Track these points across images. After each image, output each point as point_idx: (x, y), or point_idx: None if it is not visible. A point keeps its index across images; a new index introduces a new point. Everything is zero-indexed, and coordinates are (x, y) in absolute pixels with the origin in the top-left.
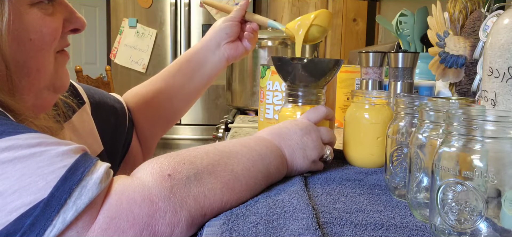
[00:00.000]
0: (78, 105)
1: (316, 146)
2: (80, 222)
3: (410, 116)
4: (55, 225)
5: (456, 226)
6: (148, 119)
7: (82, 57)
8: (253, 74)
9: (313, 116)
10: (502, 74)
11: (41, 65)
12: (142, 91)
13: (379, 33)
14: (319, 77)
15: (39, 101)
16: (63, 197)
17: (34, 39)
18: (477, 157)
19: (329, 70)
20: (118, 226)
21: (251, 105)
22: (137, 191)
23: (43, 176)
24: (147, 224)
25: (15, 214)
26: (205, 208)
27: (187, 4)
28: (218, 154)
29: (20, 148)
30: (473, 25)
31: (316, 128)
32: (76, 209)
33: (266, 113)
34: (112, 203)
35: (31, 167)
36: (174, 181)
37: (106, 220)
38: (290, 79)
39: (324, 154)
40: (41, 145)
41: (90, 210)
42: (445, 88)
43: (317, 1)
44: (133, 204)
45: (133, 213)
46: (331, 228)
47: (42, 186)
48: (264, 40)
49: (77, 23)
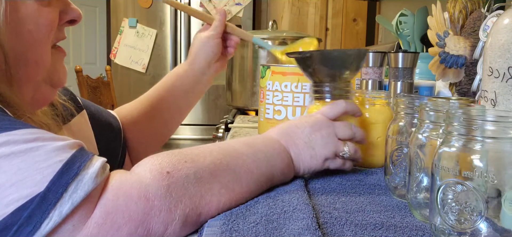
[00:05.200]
0: (76, 110)
1: (327, 143)
2: (76, 215)
3: (410, 116)
4: (51, 218)
5: (456, 226)
6: (141, 137)
7: (82, 57)
8: (253, 74)
9: (329, 111)
10: (502, 74)
11: (39, 57)
12: (134, 110)
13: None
14: (341, 69)
15: (38, 95)
16: (60, 191)
17: (32, 30)
18: (477, 157)
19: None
20: (114, 222)
21: (251, 105)
22: (134, 188)
23: (40, 170)
24: (142, 221)
25: (12, 207)
26: (200, 208)
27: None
28: (222, 153)
29: (17, 143)
30: (473, 25)
31: (329, 123)
32: (72, 202)
33: (266, 113)
34: (109, 198)
35: (28, 162)
36: (172, 179)
37: (102, 215)
38: (311, 73)
39: (340, 151)
40: (37, 140)
41: (86, 204)
42: (445, 88)
43: (317, 1)
44: (129, 200)
45: (129, 210)
46: (331, 228)
47: (39, 180)
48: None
49: (73, 13)
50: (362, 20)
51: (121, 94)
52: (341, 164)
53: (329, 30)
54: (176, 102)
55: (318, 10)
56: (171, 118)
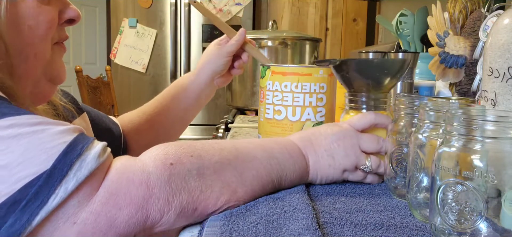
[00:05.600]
0: (78, 112)
1: (348, 154)
2: (81, 192)
3: (410, 116)
4: (57, 193)
5: (456, 226)
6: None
7: (82, 57)
8: (253, 74)
9: (357, 122)
10: (502, 74)
11: (38, 52)
12: (136, 118)
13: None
14: (379, 79)
15: (37, 90)
16: (65, 169)
17: (32, 26)
18: (477, 157)
19: (390, 71)
20: (116, 202)
21: (251, 105)
22: (137, 174)
23: (45, 150)
24: (142, 206)
25: (20, 184)
26: (197, 203)
27: (187, 4)
28: (233, 154)
29: (23, 125)
30: (473, 25)
31: (355, 134)
32: (77, 179)
33: (266, 113)
34: (113, 180)
35: (33, 143)
36: (174, 170)
37: (106, 195)
38: (346, 81)
39: (361, 164)
40: (41, 124)
41: (90, 181)
42: (445, 88)
43: (317, 1)
44: (131, 184)
45: (131, 193)
46: (331, 228)
47: (45, 159)
48: (264, 40)
49: (72, 13)
50: (362, 20)
51: (121, 94)
52: (361, 177)
53: (329, 30)
54: (178, 112)
55: (318, 10)
56: (172, 127)
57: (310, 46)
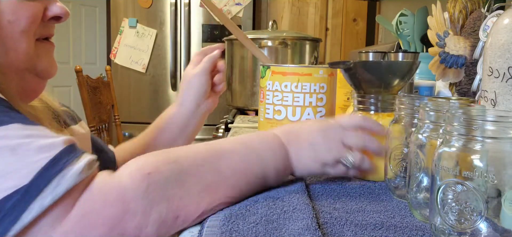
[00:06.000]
0: (76, 120)
1: (330, 148)
2: (56, 210)
3: (410, 116)
4: (31, 210)
5: (456, 226)
6: None
7: (82, 57)
8: (253, 74)
9: (344, 121)
10: (502, 74)
11: (19, 47)
12: (130, 147)
13: (379, 33)
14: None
15: (24, 84)
16: (42, 185)
17: (12, 21)
18: (477, 157)
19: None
20: (90, 222)
21: (251, 105)
22: (113, 190)
23: (27, 164)
24: (116, 225)
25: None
26: (178, 211)
27: (187, 4)
28: (208, 153)
29: (10, 138)
30: (473, 25)
31: (339, 129)
32: (53, 197)
33: (266, 113)
34: (87, 199)
35: (18, 156)
36: (152, 180)
37: (78, 215)
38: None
39: (342, 157)
40: (30, 136)
41: (67, 199)
42: (445, 88)
43: (317, 1)
44: (106, 202)
45: (104, 212)
46: (331, 228)
47: (25, 173)
48: (264, 40)
49: (57, 10)
50: (362, 20)
51: (121, 94)
52: (343, 172)
53: (329, 30)
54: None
55: (318, 10)
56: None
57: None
